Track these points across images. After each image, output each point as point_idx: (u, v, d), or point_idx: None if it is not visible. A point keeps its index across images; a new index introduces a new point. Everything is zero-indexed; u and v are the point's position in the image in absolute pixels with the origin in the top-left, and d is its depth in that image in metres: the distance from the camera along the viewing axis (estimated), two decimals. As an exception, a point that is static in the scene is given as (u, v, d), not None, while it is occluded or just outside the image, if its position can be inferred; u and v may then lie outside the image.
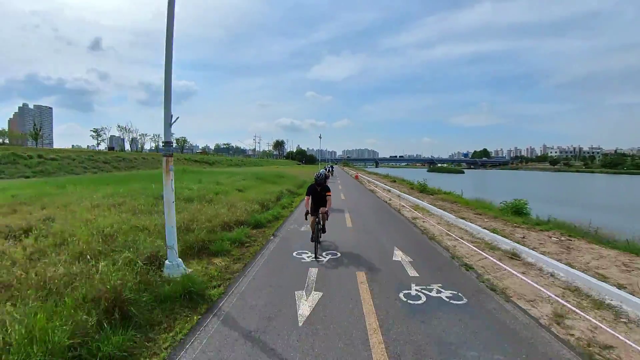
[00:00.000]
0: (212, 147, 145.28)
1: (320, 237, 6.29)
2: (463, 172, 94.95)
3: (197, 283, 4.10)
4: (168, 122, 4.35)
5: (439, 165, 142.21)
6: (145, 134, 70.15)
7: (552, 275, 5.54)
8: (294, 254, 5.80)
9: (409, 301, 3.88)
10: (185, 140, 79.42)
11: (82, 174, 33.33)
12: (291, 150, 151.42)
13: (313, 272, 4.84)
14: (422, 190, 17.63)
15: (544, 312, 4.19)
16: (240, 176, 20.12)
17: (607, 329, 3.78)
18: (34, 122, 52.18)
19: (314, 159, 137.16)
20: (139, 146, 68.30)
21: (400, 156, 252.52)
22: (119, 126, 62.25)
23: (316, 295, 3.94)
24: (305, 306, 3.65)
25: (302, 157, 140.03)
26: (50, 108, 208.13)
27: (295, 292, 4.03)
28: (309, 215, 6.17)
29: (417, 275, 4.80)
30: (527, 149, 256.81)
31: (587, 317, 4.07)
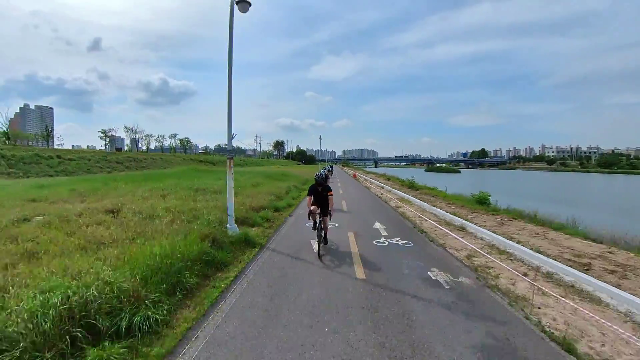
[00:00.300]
0: (211, 147, 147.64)
1: (321, 246, 6.18)
2: (459, 172, 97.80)
3: (250, 236, 6.77)
4: (230, 137, 7.02)
5: (437, 165, 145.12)
6: (150, 135, 72.68)
7: (481, 238, 8.21)
8: (306, 225, 8.47)
9: (377, 244, 6.60)
10: (188, 141, 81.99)
11: (98, 173, 35.88)
12: (291, 150, 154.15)
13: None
14: (410, 186, 20.38)
15: (462, 254, 6.85)
16: (251, 175, 22.84)
17: (496, 261, 6.43)
18: (45, 124, 54.67)
19: (313, 159, 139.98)
20: (144, 147, 70.96)
21: (403, 156, 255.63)
22: (125, 127, 65.00)
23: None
24: (316, 246, 6.33)
25: (302, 157, 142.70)
26: (51, 108, 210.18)
27: (311, 241, 6.73)
28: (311, 214, 6.35)
29: (387, 234, 7.51)
30: (526, 148, 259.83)
31: (488, 256, 6.73)
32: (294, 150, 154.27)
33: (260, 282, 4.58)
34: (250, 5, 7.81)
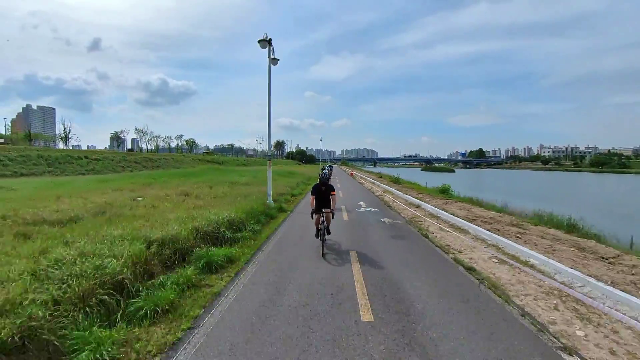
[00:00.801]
0: (211, 146, 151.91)
1: (325, 238, 6.62)
2: (454, 171, 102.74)
3: (283, 206, 11.51)
4: (269, 146, 11.74)
5: (435, 165, 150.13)
6: (158, 136, 77.30)
7: (426, 210, 12.96)
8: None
9: (358, 210, 11.42)
10: (194, 142, 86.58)
11: (121, 171, 40.52)
12: (291, 150, 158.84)
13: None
14: (395, 181, 25.24)
15: (408, 216, 11.58)
16: (264, 172, 27.63)
17: (427, 219, 11.17)
18: (63, 125, 59.10)
19: (313, 159, 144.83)
20: (152, 147, 75.68)
21: (402, 156, 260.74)
22: (136, 129, 69.77)
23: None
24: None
25: (302, 157, 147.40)
26: (53, 109, 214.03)
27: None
28: (314, 214, 6.79)
29: (365, 206, 12.34)
30: (525, 148, 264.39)
31: (423, 217, 11.48)
32: (294, 150, 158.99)
33: (295, 222, 9.34)
34: (278, 60, 12.54)
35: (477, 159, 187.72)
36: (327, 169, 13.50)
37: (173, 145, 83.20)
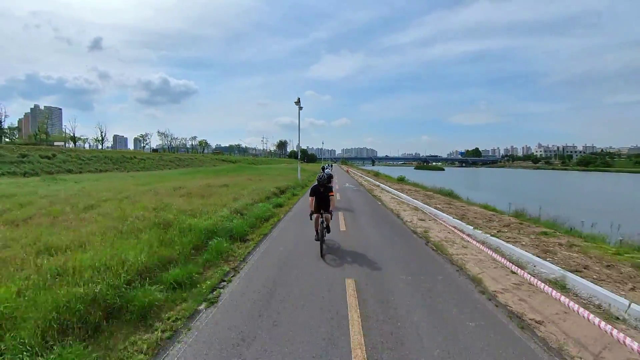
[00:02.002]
0: (212, 145, 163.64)
1: (325, 236, 6.81)
2: (443, 170, 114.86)
3: (307, 184, 23.49)
4: (298, 155, 23.67)
5: (428, 164, 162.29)
6: (175, 137, 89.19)
7: (380, 186, 24.91)
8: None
9: (344, 186, 23.46)
10: (206, 143, 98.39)
11: (164, 169, 52.43)
12: (293, 149, 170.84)
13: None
14: (376, 175, 37.22)
15: (368, 188, 23.58)
16: (281, 170, 39.56)
17: (377, 190, 23.26)
18: (99, 127, 70.59)
19: (314, 158, 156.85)
20: (163, 147, 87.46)
21: (401, 155, 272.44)
22: (158, 132, 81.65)
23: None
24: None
25: (304, 156, 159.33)
26: (60, 109, 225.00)
27: (324, 185, 23.59)
28: (313, 215, 6.95)
29: (349, 185, 24.45)
30: (523, 147, 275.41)
31: (377, 189, 23.53)
32: (295, 150, 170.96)
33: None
34: (302, 107, 24.55)
35: (473, 158, 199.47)
36: (328, 168, 19.27)
37: (188, 145, 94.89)
